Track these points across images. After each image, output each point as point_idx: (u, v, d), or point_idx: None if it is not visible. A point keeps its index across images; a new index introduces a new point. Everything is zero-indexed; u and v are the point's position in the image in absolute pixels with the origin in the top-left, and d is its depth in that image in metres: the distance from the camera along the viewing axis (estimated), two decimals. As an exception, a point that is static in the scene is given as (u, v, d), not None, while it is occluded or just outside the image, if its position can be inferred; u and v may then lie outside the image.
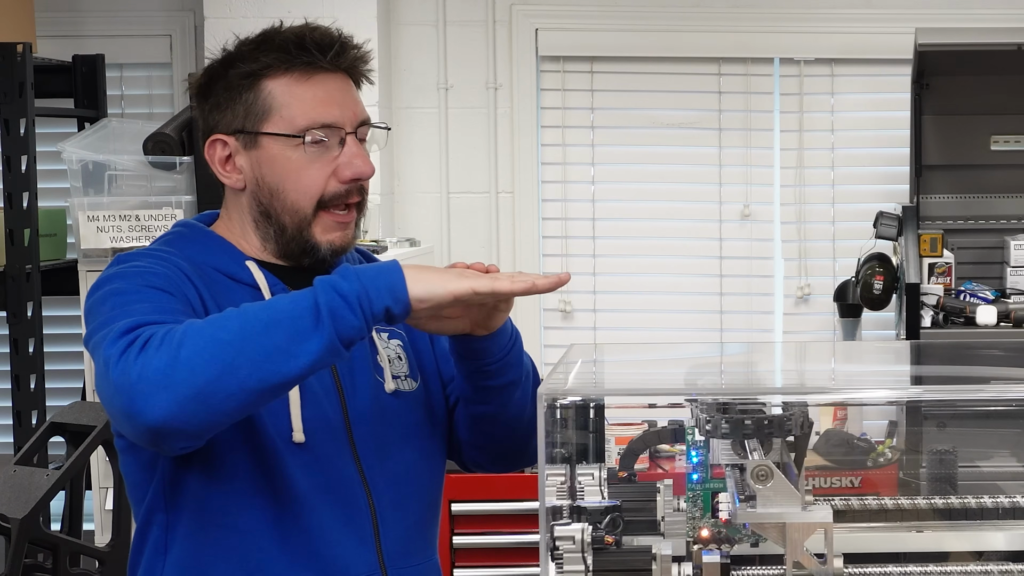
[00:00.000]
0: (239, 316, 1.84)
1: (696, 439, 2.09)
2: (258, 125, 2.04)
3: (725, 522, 2.06)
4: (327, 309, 1.82)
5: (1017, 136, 4.81)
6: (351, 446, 2.05)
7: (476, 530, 4.46)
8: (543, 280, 1.92)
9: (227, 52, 2.07)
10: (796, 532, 1.88)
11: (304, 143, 2.03)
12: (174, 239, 2.09)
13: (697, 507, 2.09)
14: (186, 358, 1.79)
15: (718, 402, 1.96)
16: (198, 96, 2.10)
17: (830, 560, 1.88)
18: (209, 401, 1.79)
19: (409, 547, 2.11)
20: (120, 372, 1.80)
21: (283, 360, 1.81)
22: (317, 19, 2.12)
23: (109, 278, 1.99)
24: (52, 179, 5.04)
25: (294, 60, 2.03)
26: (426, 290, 1.85)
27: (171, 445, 1.84)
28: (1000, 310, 4.42)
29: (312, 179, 2.04)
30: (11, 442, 4.41)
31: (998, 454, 3.32)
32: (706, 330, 5.27)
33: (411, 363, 2.16)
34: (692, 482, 2.11)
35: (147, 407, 1.78)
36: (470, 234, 5.26)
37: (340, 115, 2.05)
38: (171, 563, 2.03)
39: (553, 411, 1.95)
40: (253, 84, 2.03)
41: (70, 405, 3.61)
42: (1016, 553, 2.08)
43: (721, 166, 5.26)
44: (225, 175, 2.08)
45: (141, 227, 4.08)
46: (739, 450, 1.98)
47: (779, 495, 1.89)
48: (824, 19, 5.18)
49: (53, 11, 5.16)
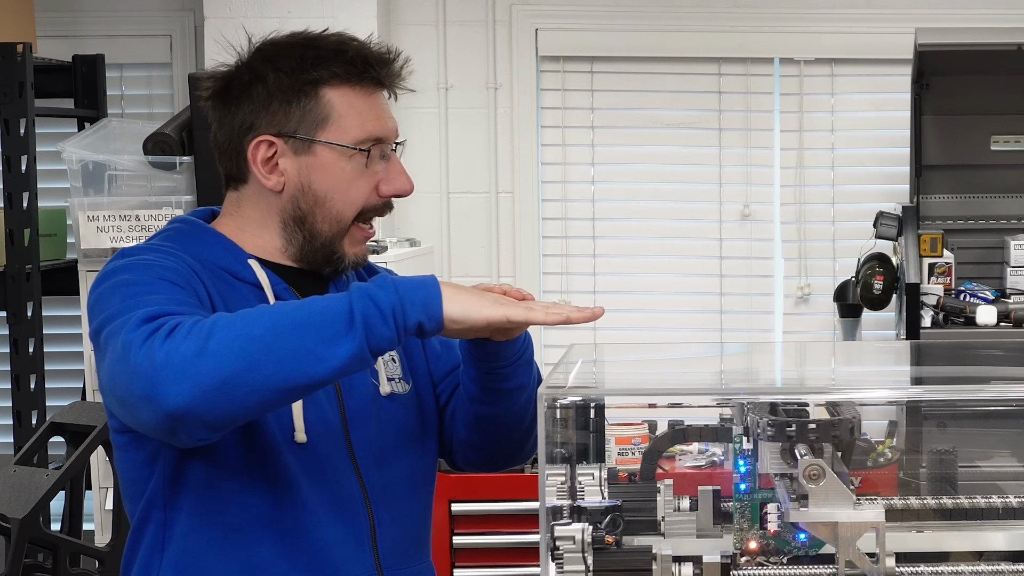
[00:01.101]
0: (271, 313, 1.84)
1: (744, 447, 2.07)
2: (314, 132, 2.05)
3: (774, 533, 2.04)
4: (361, 317, 1.82)
5: (1017, 136, 4.81)
6: (348, 448, 2.06)
7: (476, 530, 4.46)
8: (577, 313, 1.92)
9: (267, 52, 2.07)
10: (848, 531, 1.88)
11: (364, 155, 2.06)
12: (174, 235, 2.09)
13: (745, 518, 2.07)
14: (214, 349, 1.79)
15: (769, 403, 1.96)
16: (230, 92, 2.07)
17: (882, 559, 1.88)
18: (232, 394, 1.79)
19: (404, 549, 2.12)
20: (145, 356, 1.80)
21: (310, 362, 1.81)
22: (318, 19, 2.12)
23: (116, 270, 1.98)
24: (52, 179, 5.04)
25: (361, 74, 2.06)
26: (462, 312, 1.87)
27: (186, 435, 1.83)
28: (1000, 310, 4.42)
29: (359, 191, 2.07)
30: (11, 442, 4.41)
31: (998, 454, 3.32)
32: (706, 330, 5.27)
33: (403, 365, 2.17)
34: (740, 492, 2.08)
35: (169, 392, 1.78)
36: (470, 234, 5.26)
37: (389, 130, 2.10)
38: (168, 560, 2.03)
39: (553, 411, 1.95)
40: (313, 91, 2.05)
41: (70, 405, 3.61)
42: (1016, 553, 2.08)
43: (721, 166, 5.26)
44: (265, 176, 2.07)
45: (141, 227, 4.09)
46: (789, 458, 1.98)
47: (831, 494, 1.89)
48: (824, 19, 5.18)
49: (53, 11, 5.16)
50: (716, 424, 2.18)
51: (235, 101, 2.07)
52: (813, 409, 2.02)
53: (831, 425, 1.94)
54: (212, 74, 2.11)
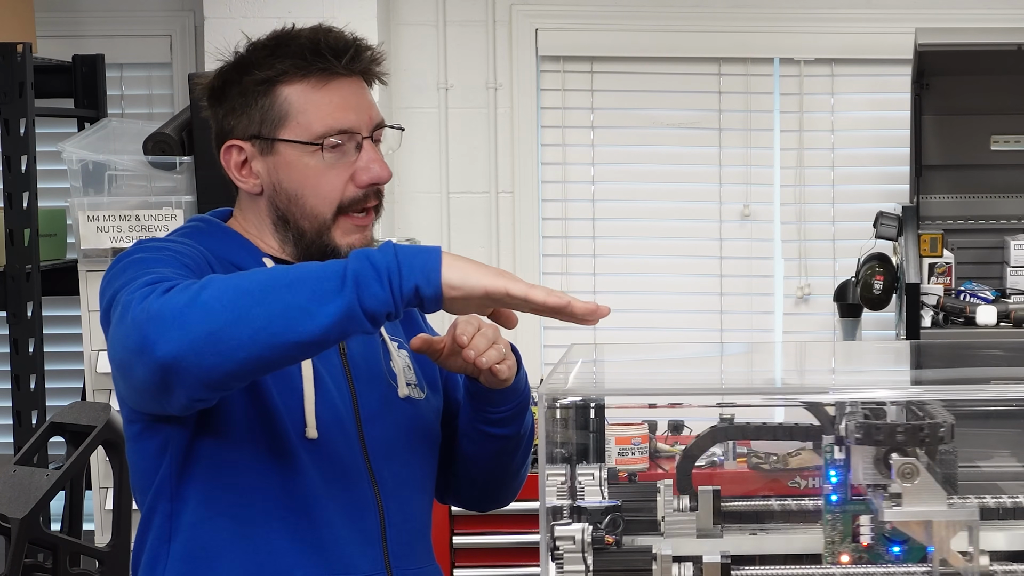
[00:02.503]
0: (266, 271, 1.84)
1: (836, 457, 2.03)
2: (274, 131, 2.04)
3: (867, 547, 2.01)
4: (353, 275, 1.79)
5: (1017, 136, 4.81)
6: (362, 446, 2.06)
7: (476, 530, 4.46)
8: (580, 303, 1.86)
9: (240, 55, 2.07)
10: (942, 530, 1.88)
11: (322, 149, 2.03)
12: (191, 232, 2.10)
13: (836, 531, 2.03)
14: (204, 300, 1.78)
15: (872, 405, 1.95)
16: (211, 99, 2.09)
17: (976, 557, 1.87)
18: (220, 346, 1.78)
19: (412, 550, 2.12)
20: (140, 310, 1.80)
21: (300, 317, 1.78)
22: (318, 19, 2.12)
23: (128, 253, 1.99)
24: (52, 179, 5.04)
25: (310, 66, 2.03)
26: (460, 278, 1.82)
27: (181, 391, 1.82)
28: (1000, 310, 4.42)
29: (331, 185, 2.04)
30: (11, 442, 4.41)
31: (998, 454, 3.32)
32: (706, 330, 5.27)
33: (418, 375, 2.17)
34: (831, 504, 2.03)
35: (159, 341, 1.78)
36: (470, 234, 5.26)
37: (357, 120, 2.05)
38: (176, 551, 2.02)
39: (553, 411, 1.95)
40: (269, 90, 2.03)
41: (70, 405, 3.61)
42: (1016, 553, 2.08)
43: (721, 166, 5.26)
44: (241, 180, 2.07)
45: (141, 227, 4.09)
46: (883, 468, 1.95)
47: (925, 493, 1.88)
48: (824, 19, 5.18)
49: (53, 11, 5.16)
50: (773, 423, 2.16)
51: (216, 108, 2.09)
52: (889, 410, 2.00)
53: (937, 427, 1.92)
54: (200, 81, 2.12)
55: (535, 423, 2.15)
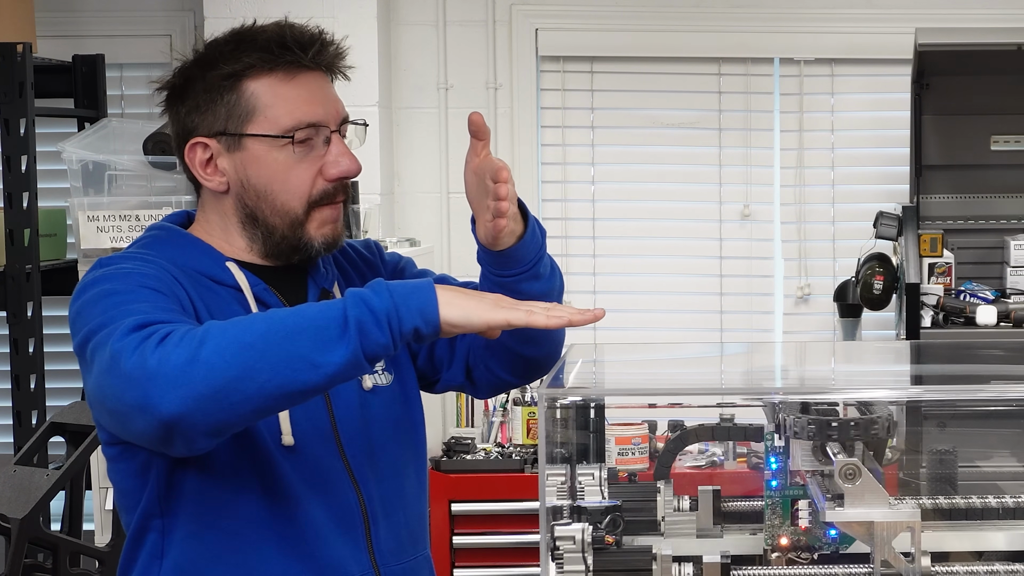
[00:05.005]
0: (264, 320, 1.82)
1: (775, 444, 2.06)
2: (242, 127, 2.02)
3: (805, 530, 2.05)
4: (355, 323, 1.79)
5: (1017, 136, 4.81)
6: (339, 449, 2.05)
7: (476, 530, 4.46)
8: (578, 316, 1.90)
9: (200, 53, 2.06)
10: (884, 531, 1.88)
11: (292, 143, 2.02)
12: (151, 242, 2.07)
13: (776, 514, 2.07)
14: (207, 356, 1.77)
15: (801, 403, 1.96)
16: (171, 98, 2.08)
17: (918, 558, 1.88)
18: (226, 401, 1.77)
19: (401, 543, 2.12)
20: (136, 364, 1.77)
21: (305, 368, 1.78)
22: (317, 20, 2.12)
23: (96, 280, 1.97)
24: (52, 179, 5.04)
25: (277, 60, 2.01)
26: (460, 316, 1.84)
27: (182, 443, 1.81)
28: (1000, 310, 4.42)
29: (300, 179, 2.03)
30: (11, 442, 4.41)
31: (998, 454, 3.32)
32: (706, 330, 5.27)
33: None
34: (771, 489, 2.07)
35: (163, 399, 1.76)
36: (470, 234, 5.23)
37: (325, 114, 2.04)
38: (168, 567, 2.02)
39: (553, 411, 1.95)
40: (235, 85, 2.02)
41: (70, 405, 3.61)
42: (1016, 553, 2.08)
43: (721, 166, 5.26)
44: (207, 178, 2.06)
45: (141, 227, 4.08)
46: (820, 456, 1.97)
47: (867, 494, 1.89)
48: (824, 19, 5.18)
49: (53, 11, 5.16)
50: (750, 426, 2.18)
51: (177, 106, 2.07)
52: (840, 408, 2.02)
53: (871, 423, 1.94)
54: (158, 82, 2.10)
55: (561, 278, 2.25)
